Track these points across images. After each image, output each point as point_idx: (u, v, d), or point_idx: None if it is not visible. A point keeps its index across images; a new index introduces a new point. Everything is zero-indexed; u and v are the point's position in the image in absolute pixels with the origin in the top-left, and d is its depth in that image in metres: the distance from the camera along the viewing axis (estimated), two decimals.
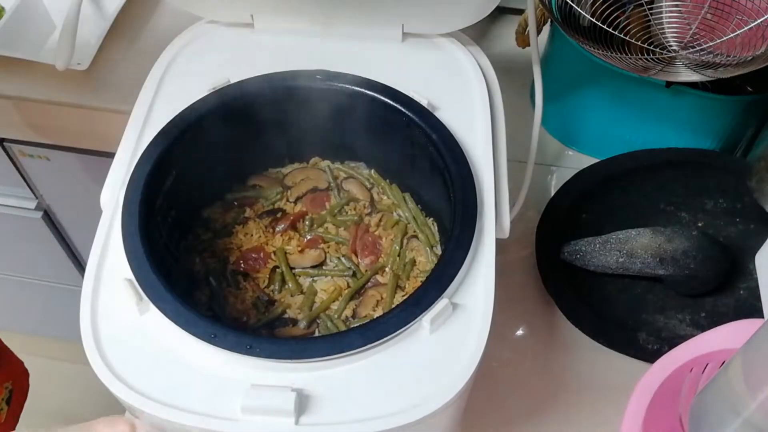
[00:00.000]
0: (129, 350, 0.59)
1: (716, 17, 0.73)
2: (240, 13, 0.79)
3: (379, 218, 0.79)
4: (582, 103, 0.95)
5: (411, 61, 0.78)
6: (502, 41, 1.07)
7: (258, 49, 0.79)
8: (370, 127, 0.77)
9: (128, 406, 0.57)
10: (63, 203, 1.24)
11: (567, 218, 0.88)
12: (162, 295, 0.59)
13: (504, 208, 0.68)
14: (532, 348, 0.83)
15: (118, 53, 0.99)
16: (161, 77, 0.76)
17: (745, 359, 0.51)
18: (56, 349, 1.64)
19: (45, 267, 1.42)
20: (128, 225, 0.64)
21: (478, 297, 0.61)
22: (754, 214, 0.87)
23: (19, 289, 1.51)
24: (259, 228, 0.78)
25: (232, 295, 0.74)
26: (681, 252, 0.79)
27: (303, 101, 0.75)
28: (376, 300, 0.73)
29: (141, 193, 0.66)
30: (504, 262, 0.75)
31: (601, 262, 0.82)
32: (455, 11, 0.76)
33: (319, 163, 0.83)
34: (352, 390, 0.57)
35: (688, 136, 0.93)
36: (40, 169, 1.14)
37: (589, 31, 0.78)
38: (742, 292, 0.84)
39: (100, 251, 0.63)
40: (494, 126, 0.73)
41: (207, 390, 0.57)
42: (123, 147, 0.70)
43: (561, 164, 0.98)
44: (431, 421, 0.57)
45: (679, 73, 0.77)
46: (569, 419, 0.77)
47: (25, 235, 1.30)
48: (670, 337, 0.80)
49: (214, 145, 0.74)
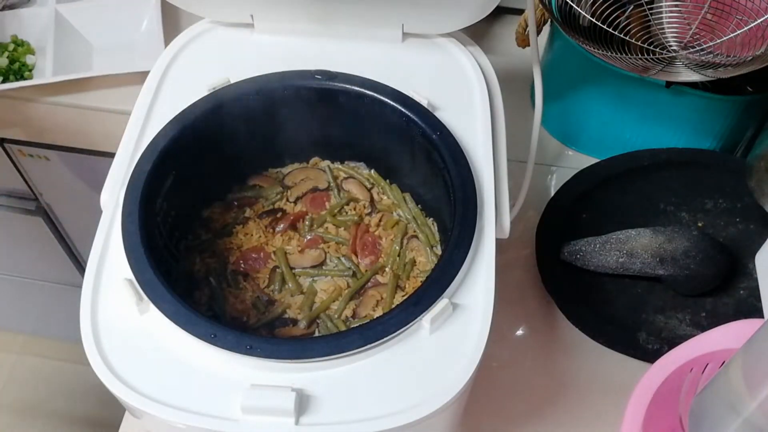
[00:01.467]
0: (129, 350, 0.59)
1: (716, 17, 0.73)
2: (240, 13, 0.79)
3: (379, 218, 0.79)
4: (582, 103, 0.95)
5: (411, 61, 0.78)
6: (502, 41, 1.07)
7: (258, 49, 0.79)
8: (370, 127, 0.77)
9: (128, 406, 0.57)
10: (63, 203, 1.24)
11: (567, 218, 0.88)
12: (162, 295, 0.59)
13: (504, 208, 0.68)
14: (532, 348, 0.83)
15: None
16: (161, 77, 0.76)
17: (745, 359, 0.51)
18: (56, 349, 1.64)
19: (45, 267, 1.42)
20: (128, 225, 0.64)
21: (478, 297, 0.61)
22: (754, 214, 0.87)
23: (19, 289, 1.51)
24: (259, 228, 0.78)
25: (232, 295, 0.74)
26: (681, 252, 0.79)
27: (303, 101, 0.75)
28: (376, 300, 0.73)
29: (141, 193, 0.66)
30: (504, 262, 0.75)
31: (601, 262, 0.82)
32: (455, 11, 0.76)
33: (319, 163, 0.83)
34: (352, 390, 0.57)
35: (688, 136, 0.93)
36: (40, 169, 1.14)
37: (589, 31, 0.78)
38: (742, 292, 0.84)
39: (100, 251, 0.63)
40: (494, 126, 0.73)
41: (207, 390, 0.57)
42: (123, 147, 0.70)
43: (561, 164, 0.99)
44: (431, 421, 0.57)
45: (679, 73, 0.77)
46: (569, 419, 0.77)
47: (25, 235, 1.30)
48: (670, 337, 0.80)
49: (214, 145, 0.74)
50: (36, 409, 1.02)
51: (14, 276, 1.47)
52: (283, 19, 0.79)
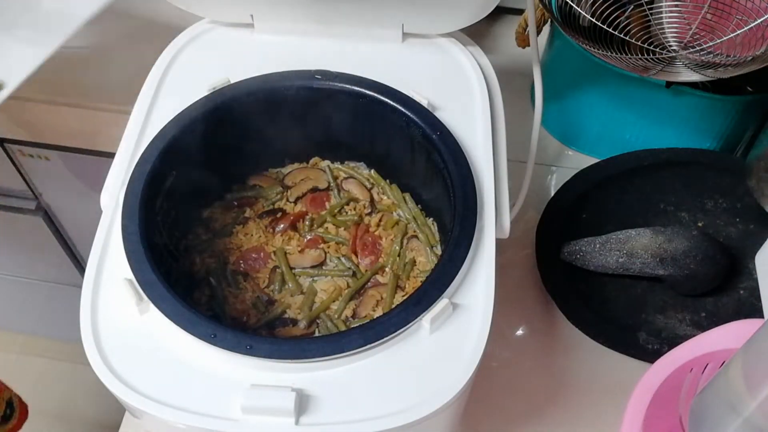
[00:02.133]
0: (129, 350, 0.59)
1: (716, 17, 0.73)
2: (240, 13, 0.79)
3: (379, 218, 0.79)
4: (582, 103, 0.95)
5: (411, 61, 0.78)
6: (502, 41, 1.07)
7: (258, 49, 0.79)
8: (370, 127, 0.77)
9: (128, 406, 0.57)
10: (63, 203, 1.24)
11: (567, 218, 0.88)
12: (162, 295, 0.59)
13: (504, 208, 0.68)
14: (532, 348, 0.83)
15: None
16: (161, 77, 0.76)
17: (745, 359, 0.51)
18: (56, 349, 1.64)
19: (45, 267, 1.42)
20: (128, 225, 0.64)
21: (478, 297, 0.61)
22: (754, 214, 0.87)
23: (19, 289, 1.51)
24: (259, 228, 0.78)
25: (232, 295, 0.74)
26: (681, 252, 0.79)
27: (303, 101, 0.75)
28: (376, 300, 0.73)
29: (141, 193, 0.66)
30: (504, 262, 0.75)
31: (601, 262, 0.82)
32: (455, 11, 0.76)
33: (319, 163, 0.83)
34: (352, 390, 0.57)
35: (688, 136, 0.93)
36: (40, 169, 1.14)
37: (589, 31, 0.78)
38: (742, 292, 0.84)
39: (100, 251, 0.63)
40: (494, 126, 0.73)
41: (207, 390, 0.57)
42: (123, 147, 0.70)
43: (561, 164, 0.99)
44: (431, 421, 0.57)
45: (679, 73, 0.77)
46: (569, 419, 0.77)
47: (25, 235, 1.30)
48: (670, 337, 0.80)
49: (213, 145, 0.74)
50: (35, 409, 1.02)
51: (14, 276, 1.47)
52: (283, 19, 0.79)
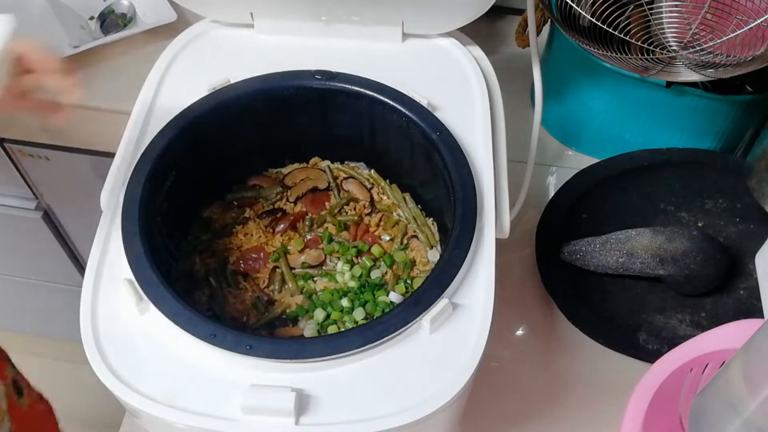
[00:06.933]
0: (129, 350, 0.59)
1: (716, 17, 0.73)
2: (240, 13, 0.79)
3: (379, 218, 0.79)
4: (582, 103, 0.95)
5: (411, 61, 0.78)
6: (502, 41, 1.07)
7: (258, 49, 0.79)
8: (370, 127, 0.77)
9: (128, 406, 0.57)
10: (63, 203, 1.24)
11: (567, 218, 0.88)
12: (162, 295, 0.59)
13: (504, 208, 0.68)
14: (532, 348, 0.83)
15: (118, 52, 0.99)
16: (161, 77, 0.76)
17: (745, 359, 0.51)
18: (56, 349, 1.64)
19: (45, 267, 1.42)
20: (128, 225, 0.64)
21: (478, 297, 0.61)
22: (754, 214, 0.87)
23: (19, 289, 1.51)
24: (259, 228, 0.78)
25: (232, 295, 0.74)
26: (681, 252, 0.79)
27: (302, 101, 0.75)
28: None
29: (141, 193, 0.66)
30: (504, 262, 0.75)
31: (601, 262, 0.82)
32: (454, 9, 0.76)
33: (319, 163, 0.83)
34: (352, 390, 0.57)
35: (688, 136, 0.93)
36: (40, 169, 1.14)
37: (589, 31, 0.78)
38: (742, 292, 0.84)
39: (100, 251, 0.63)
40: (494, 126, 0.73)
41: (207, 390, 0.57)
42: (123, 147, 0.70)
43: (561, 164, 0.98)
44: (431, 421, 0.57)
45: (679, 73, 0.77)
46: (569, 419, 0.77)
47: (25, 235, 1.30)
48: (670, 337, 0.80)
49: (213, 145, 0.75)
50: None
51: (14, 276, 1.47)
52: (283, 19, 0.79)
